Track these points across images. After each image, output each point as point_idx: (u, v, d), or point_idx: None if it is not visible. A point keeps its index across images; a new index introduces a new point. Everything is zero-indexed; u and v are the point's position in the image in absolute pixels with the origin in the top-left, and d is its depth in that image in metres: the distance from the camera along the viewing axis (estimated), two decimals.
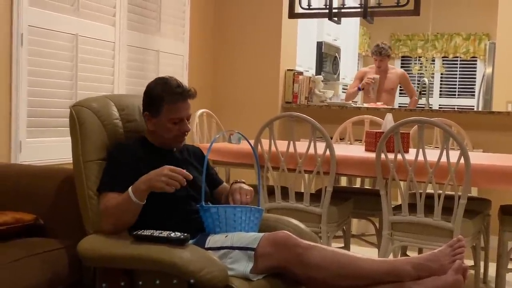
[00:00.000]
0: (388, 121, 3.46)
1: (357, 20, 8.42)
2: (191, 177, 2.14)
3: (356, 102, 6.41)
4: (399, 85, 6.25)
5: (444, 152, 2.85)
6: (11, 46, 3.35)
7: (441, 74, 9.97)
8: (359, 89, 6.01)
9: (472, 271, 3.24)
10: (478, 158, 3.24)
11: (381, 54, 5.93)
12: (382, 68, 6.05)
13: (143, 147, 2.39)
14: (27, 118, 3.46)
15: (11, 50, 3.35)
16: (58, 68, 3.68)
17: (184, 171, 2.14)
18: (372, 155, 3.11)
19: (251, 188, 2.48)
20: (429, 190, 2.99)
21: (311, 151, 3.17)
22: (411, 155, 3.05)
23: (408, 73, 10.17)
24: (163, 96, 2.34)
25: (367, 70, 6.30)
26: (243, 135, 2.53)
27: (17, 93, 3.38)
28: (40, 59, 3.54)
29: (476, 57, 9.78)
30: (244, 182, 2.52)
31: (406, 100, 10.29)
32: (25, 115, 3.44)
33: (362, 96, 6.36)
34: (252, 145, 2.70)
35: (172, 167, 2.14)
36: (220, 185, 2.65)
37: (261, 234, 2.18)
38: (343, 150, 3.48)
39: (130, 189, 2.16)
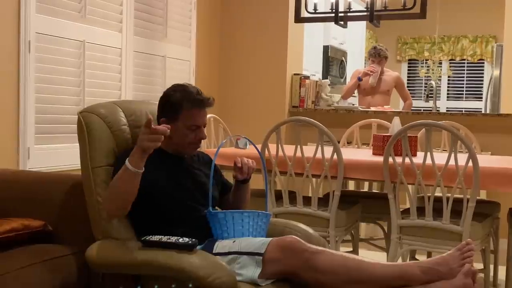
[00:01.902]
0: (396, 125, 3.45)
1: (363, 23, 8.41)
2: (167, 129, 2.08)
3: (354, 104, 6.38)
4: (393, 88, 6.22)
5: (452, 155, 2.84)
6: (19, 53, 3.37)
7: (448, 77, 9.95)
8: (359, 79, 5.97)
9: (482, 275, 3.22)
10: (486, 161, 3.23)
11: (379, 56, 5.91)
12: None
13: (154, 153, 2.39)
14: (35, 124, 3.47)
15: (18, 57, 3.37)
16: (65, 74, 3.69)
17: (159, 126, 2.09)
18: (380, 158, 3.11)
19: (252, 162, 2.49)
20: (438, 193, 2.98)
21: (319, 155, 3.16)
22: (419, 158, 3.04)
23: (415, 76, 10.23)
24: (183, 102, 2.34)
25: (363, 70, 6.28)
26: (249, 140, 2.54)
27: (25, 99, 3.40)
28: (47, 66, 3.56)
29: (483, 60, 9.75)
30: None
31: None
32: (33, 121, 3.45)
33: (358, 99, 6.32)
34: (259, 149, 2.70)
35: (145, 129, 2.07)
36: (231, 190, 2.64)
37: (269, 239, 2.18)
38: (350, 154, 3.47)
39: (126, 162, 2.11)
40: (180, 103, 2.35)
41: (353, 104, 6.56)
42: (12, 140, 3.36)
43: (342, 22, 4.55)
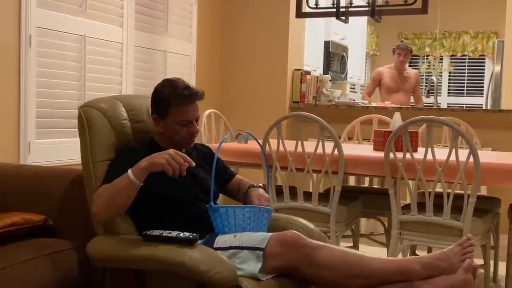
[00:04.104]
0: (397, 120, 3.45)
1: (364, 19, 8.40)
2: (193, 164, 2.10)
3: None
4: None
5: (453, 151, 2.84)
6: (20, 48, 3.36)
7: (449, 72, 9.94)
8: None
9: (482, 270, 3.23)
10: (487, 156, 3.23)
11: (407, 49, 6.00)
12: (403, 66, 6.06)
13: (152, 149, 2.38)
14: (36, 119, 3.47)
15: (19, 52, 3.36)
16: (66, 69, 3.69)
17: (188, 158, 2.09)
18: (381, 154, 3.11)
19: (267, 195, 2.49)
20: (438, 189, 2.98)
21: (319, 150, 3.16)
22: (419, 154, 3.04)
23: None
24: (170, 99, 2.33)
25: (383, 70, 6.28)
26: (251, 135, 2.53)
27: (26, 94, 3.40)
28: (48, 60, 3.55)
29: (485, 55, 9.74)
30: (260, 187, 2.53)
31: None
32: (33, 116, 3.45)
33: (381, 97, 6.31)
34: (261, 146, 2.70)
35: (177, 151, 2.09)
36: (233, 178, 2.64)
37: (270, 234, 2.18)
38: (351, 149, 3.47)
39: (129, 170, 2.10)
40: (168, 100, 2.33)
41: (354, 100, 6.56)
42: (13, 135, 3.36)
43: (343, 18, 4.54)
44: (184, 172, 2.08)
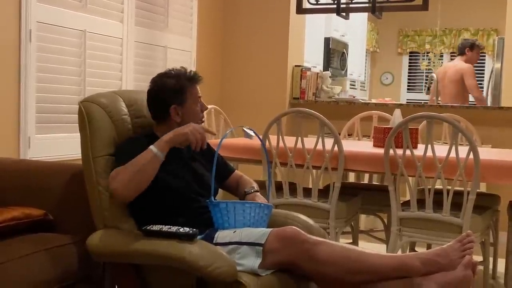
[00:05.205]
0: (397, 117, 3.45)
1: (365, 15, 8.40)
2: (215, 133, 2.32)
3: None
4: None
5: (453, 147, 2.85)
6: (20, 42, 3.36)
7: None
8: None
9: (481, 267, 3.23)
10: (487, 153, 3.23)
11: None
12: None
13: (152, 140, 2.39)
14: (36, 114, 3.47)
15: (19, 46, 3.36)
16: (66, 64, 3.69)
17: (209, 129, 2.28)
18: (381, 150, 3.11)
19: (264, 199, 2.51)
20: (438, 185, 2.99)
21: (319, 147, 3.16)
22: (419, 150, 3.04)
23: (416, 69, 10.21)
24: (184, 83, 2.42)
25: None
26: (255, 132, 2.53)
27: (26, 89, 3.39)
28: (48, 55, 3.55)
29: (485, 53, 9.73)
30: (257, 191, 2.54)
31: (413, 96, 10.29)
32: (33, 111, 3.45)
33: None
34: (262, 141, 2.70)
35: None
36: (232, 174, 2.65)
37: (269, 230, 2.18)
38: (351, 146, 3.47)
39: (151, 146, 2.21)
40: (183, 85, 2.42)
41: (354, 97, 6.56)
42: (13, 130, 3.36)
43: (344, 14, 4.54)
44: (205, 145, 2.27)
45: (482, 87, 9.37)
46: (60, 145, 3.63)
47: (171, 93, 2.41)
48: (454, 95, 6.05)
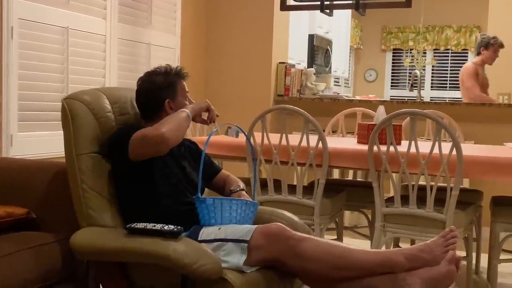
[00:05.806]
0: (380, 113, 3.46)
1: (348, 12, 8.43)
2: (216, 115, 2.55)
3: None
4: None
5: (436, 143, 2.86)
6: (1, 40, 3.32)
7: (433, 66, 10.00)
8: None
9: (464, 262, 3.25)
10: (470, 149, 3.25)
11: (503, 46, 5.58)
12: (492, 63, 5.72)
13: None
14: (18, 111, 3.44)
15: (1, 44, 3.32)
16: (49, 61, 3.66)
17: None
18: (365, 147, 3.12)
19: (249, 197, 2.51)
20: (422, 182, 3.00)
21: (304, 143, 3.17)
22: (403, 147, 3.05)
23: (400, 66, 10.26)
24: (173, 78, 2.49)
25: (477, 67, 5.79)
26: (241, 129, 2.54)
27: (8, 86, 3.36)
28: (30, 53, 3.52)
29: (467, 49, 9.81)
30: (243, 189, 2.54)
31: (396, 92, 10.33)
32: (16, 108, 3.42)
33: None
34: (248, 138, 2.70)
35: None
36: (218, 173, 2.66)
37: (254, 227, 2.18)
38: (335, 142, 3.48)
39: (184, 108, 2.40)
40: (172, 80, 2.48)
41: (338, 93, 6.58)
42: None
43: (327, 11, 4.55)
44: (215, 119, 2.54)
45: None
46: (43, 143, 3.60)
47: (163, 88, 2.45)
48: (465, 95, 5.84)
